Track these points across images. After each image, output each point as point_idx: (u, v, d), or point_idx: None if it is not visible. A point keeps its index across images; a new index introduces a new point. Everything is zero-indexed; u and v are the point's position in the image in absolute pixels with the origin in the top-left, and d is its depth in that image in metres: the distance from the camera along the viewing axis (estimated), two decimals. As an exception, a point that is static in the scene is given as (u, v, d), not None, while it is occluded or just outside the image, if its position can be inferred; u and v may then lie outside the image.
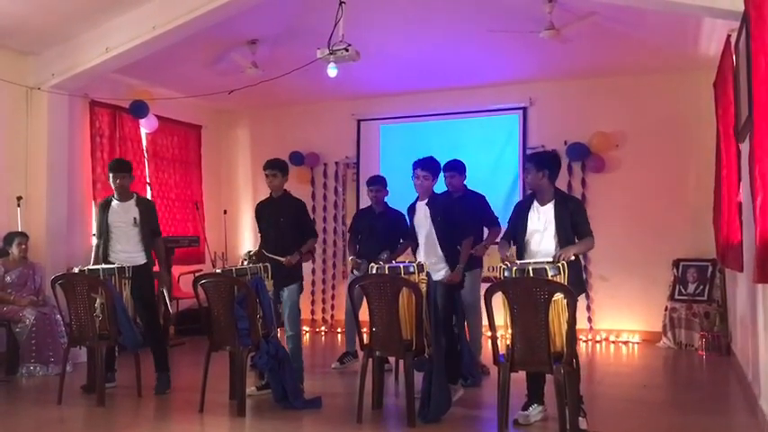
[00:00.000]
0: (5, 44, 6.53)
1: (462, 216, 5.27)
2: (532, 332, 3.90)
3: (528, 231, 4.49)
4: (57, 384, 5.13)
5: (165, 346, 5.58)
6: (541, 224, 4.46)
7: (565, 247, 4.29)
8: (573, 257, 4.23)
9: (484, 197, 6.06)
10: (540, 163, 4.53)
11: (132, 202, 5.56)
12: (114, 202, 5.56)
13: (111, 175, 5.57)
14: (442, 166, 5.40)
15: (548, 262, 4.08)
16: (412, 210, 5.33)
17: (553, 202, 4.50)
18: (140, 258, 5.50)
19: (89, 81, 6.96)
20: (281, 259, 5.30)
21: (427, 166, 5.17)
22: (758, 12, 3.63)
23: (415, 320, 4.47)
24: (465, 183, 5.97)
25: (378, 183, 6.50)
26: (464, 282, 5.21)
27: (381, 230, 6.15)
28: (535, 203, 4.55)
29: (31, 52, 6.74)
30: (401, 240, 5.87)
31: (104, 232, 5.55)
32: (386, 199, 6.43)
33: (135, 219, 5.50)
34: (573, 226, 4.41)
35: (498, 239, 4.99)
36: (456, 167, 5.90)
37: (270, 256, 5.36)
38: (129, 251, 5.49)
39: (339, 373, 6.31)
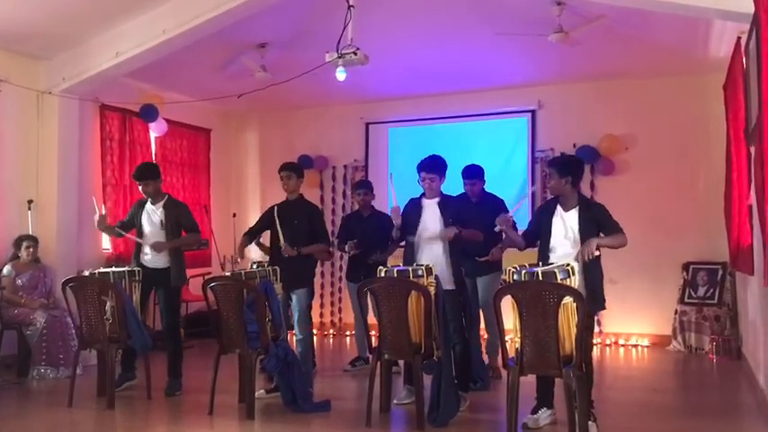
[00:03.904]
0: (17, 49, 6.57)
1: (479, 223, 5.07)
2: (542, 336, 3.89)
3: (552, 237, 4.47)
4: (67, 387, 5.15)
5: (181, 352, 5.60)
6: (565, 230, 4.43)
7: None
8: (597, 253, 4.22)
9: (503, 201, 5.95)
10: (562, 169, 4.50)
11: (161, 203, 5.59)
12: (148, 204, 5.63)
13: (137, 182, 5.63)
14: (447, 163, 5.12)
15: (557, 265, 4.06)
16: (416, 205, 5.06)
17: (577, 208, 4.46)
18: (164, 262, 5.52)
19: (99, 85, 7.01)
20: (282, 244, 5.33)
21: (432, 168, 4.99)
22: (769, 14, 3.61)
23: (423, 324, 4.47)
24: (484, 187, 5.93)
25: (364, 186, 6.54)
26: (466, 287, 5.15)
27: (371, 234, 6.12)
28: (559, 209, 4.51)
29: (42, 57, 6.79)
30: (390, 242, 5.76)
31: (138, 233, 5.63)
32: (393, 202, 6.43)
33: (161, 222, 5.53)
34: (601, 230, 4.36)
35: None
36: (478, 174, 5.83)
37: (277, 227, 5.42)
38: (154, 254, 5.51)
39: (348, 376, 6.31)
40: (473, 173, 5.85)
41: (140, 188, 5.62)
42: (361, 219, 6.45)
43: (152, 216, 5.58)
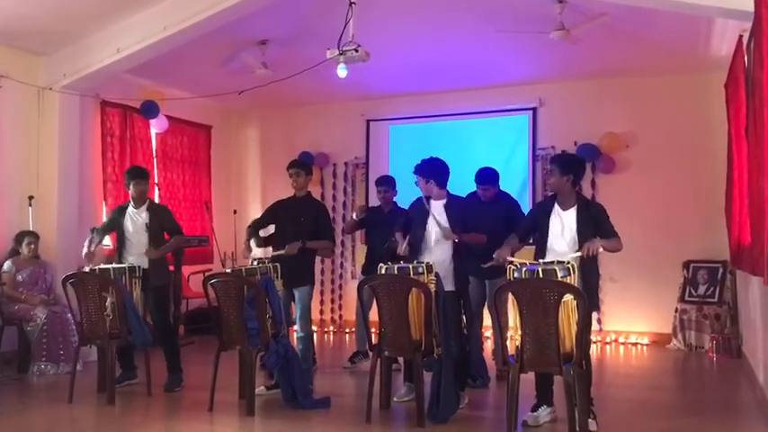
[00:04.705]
0: (17, 45, 6.57)
1: (488, 222, 5.01)
2: (542, 333, 3.89)
3: (549, 235, 4.45)
4: (67, 383, 5.15)
5: (176, 347, 5.61)
6: (562, 229, 4.42)
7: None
8: (600, 250, 4.20)
9: (517, 203, 5.91)
10: (565, 167, 4.48)
11: (144, 207, 5.63)
12: (130, 208, 5.65)
13: (132, 182, 5.61)
14: (446, 166, 5.03)
15: (558, 263, 4.06)
16: (422, 207, 5.01)
17: (575, 207, 4.45)
18: (147, 262, 5.53)
19: (100, 81, 7.00)
20: (281, 252, 5.30)
21: (426, 172, 4.91)
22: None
23: (424, 321, 4.47)
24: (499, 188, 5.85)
25: (386, 183, 6.50)
26: (468, 290, 5.12)
27: (390, 230, 6.12)
28: (556, 207, 4.50)
29: (43, 53, 6.78)
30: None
31: (120, 237, 5.65)
32: (394, 199, 6.44)
33: (146, 225, 5.56)
34: (597, 231, 4.34)
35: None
36: (492, 180, 5.71)
37: (276, 254, 5.38)
38: (140, 254, 5.53)
39: (348, 372, 6.32)
40: (486, 179, 5.72)
41: (134, 187, 5.60)
42: (382, 214, 6.43)
43: (135, 219, 5.59)
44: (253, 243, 5.56)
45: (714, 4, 4.89)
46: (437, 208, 4.98)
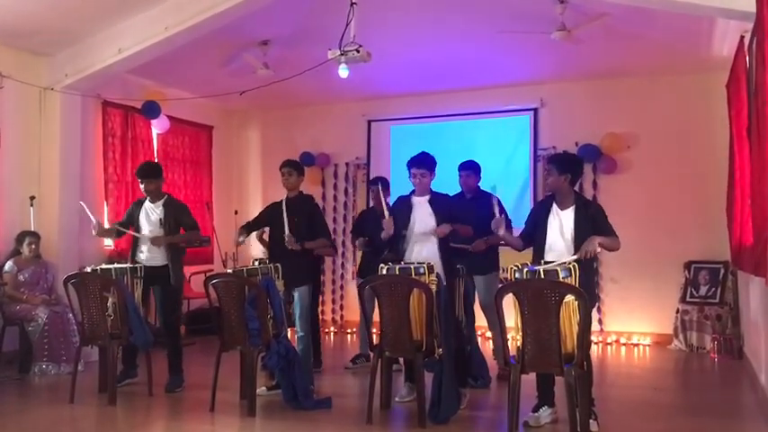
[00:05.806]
0: (19, 45, 6.58)
1: (472, 219, 5.09)
2: (543, 334, 3.89)
3: (548, 235, 4.45)
4: (68, 383, 5.16)
5: (179, 348, 5.62)
6: (560, 229, 4.42)
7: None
8: (598, 250, 4.21)
9: (498, 198, 5.97)
10: (562, 166, 4.50)
11: (161, 202, 5.63)
12: (146, 203, 5.66)
13: (141, 181, 5.64)
14: (436, 161, 5.10)
15: (560, 263, 4.06)
16: (406, 203, 5.05)
17: (573, 207, 4.45)
18: (161, 260, 5.54)
19: (102, 81, 7.01)
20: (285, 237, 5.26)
21: (422, 163, 4.99)
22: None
23: (425, 321, 4.47)
24: (479, 184, 5.96)
25: (379, 183, 6.51)
26: (457, 277, 5.11)
27: None
28: (555, 207, 4.51)
29: (45, 53, 6.79)
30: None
31: (136, 230, 5.65)
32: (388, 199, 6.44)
33: (160, 220, 5.56)
34: (595, 231, 4.33)
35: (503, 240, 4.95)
36: (471, 167, 5.92)
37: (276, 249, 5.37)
38: (152, 251, 5.55)
39: (349, 373, 6.32)
40: (467, 165, 5.94)
41: (142, 186, 5.63)
42: (376, 215, 6.43)
43: (150, 214, 5.60)
44: (254, 243, 5.55)
45: (715, 4, 4.88)
46: (422, 204, 5.00)
